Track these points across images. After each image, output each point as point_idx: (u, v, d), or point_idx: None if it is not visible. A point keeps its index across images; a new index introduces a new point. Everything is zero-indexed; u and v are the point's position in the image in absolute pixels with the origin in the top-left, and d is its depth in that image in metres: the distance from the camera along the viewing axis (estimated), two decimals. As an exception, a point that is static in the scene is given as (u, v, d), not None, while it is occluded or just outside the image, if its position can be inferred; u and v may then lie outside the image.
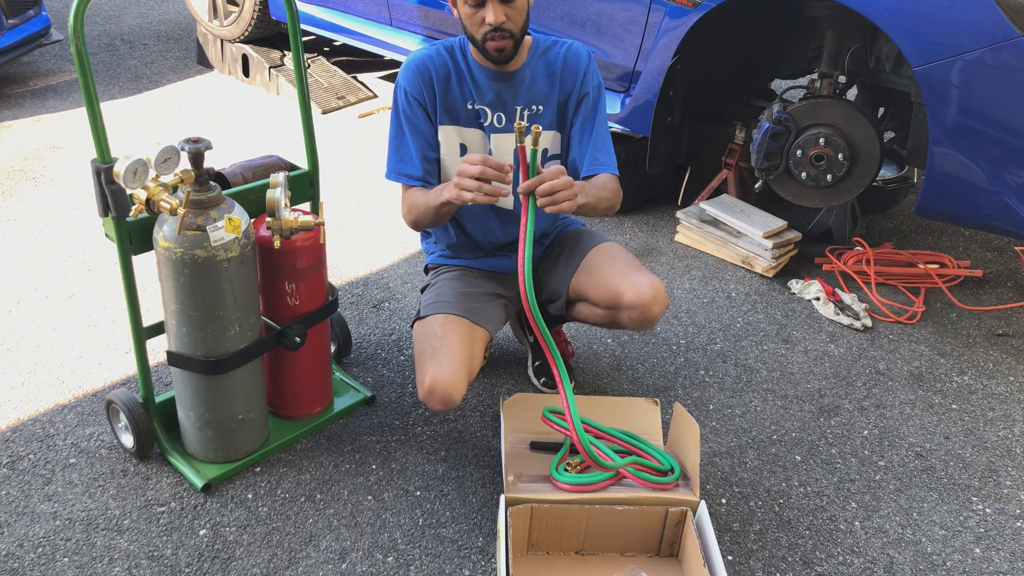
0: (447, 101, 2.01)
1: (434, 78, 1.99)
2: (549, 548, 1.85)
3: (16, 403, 2.24)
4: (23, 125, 3.90)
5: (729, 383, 2.49)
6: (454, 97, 2.01)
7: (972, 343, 2.73)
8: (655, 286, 1.99)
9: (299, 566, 1.82)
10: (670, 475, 1.88)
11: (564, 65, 2.02)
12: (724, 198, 3.27)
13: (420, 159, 2.03)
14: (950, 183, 2.57)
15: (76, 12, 1.62)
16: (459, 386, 1.87)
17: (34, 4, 4.18)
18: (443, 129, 2.03)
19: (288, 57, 4.50)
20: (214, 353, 1.86)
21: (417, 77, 1.99)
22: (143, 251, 1.85)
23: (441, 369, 1.87)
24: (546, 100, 2.03)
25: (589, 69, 2.03)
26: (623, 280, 2.01)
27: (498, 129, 2.03)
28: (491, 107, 2.01)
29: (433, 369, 1.87)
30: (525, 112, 2.02)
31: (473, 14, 1.87)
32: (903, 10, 2.47)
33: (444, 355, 1.90)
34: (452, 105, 2.01)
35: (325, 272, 2.08)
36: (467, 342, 1.96)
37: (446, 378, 1.85)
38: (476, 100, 2.01)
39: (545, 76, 2.02)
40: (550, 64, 2.03)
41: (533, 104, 2.02)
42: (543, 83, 2.02)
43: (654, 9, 2.98)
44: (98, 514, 1.92)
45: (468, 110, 2.01)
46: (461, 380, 1.88)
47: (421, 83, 1.99)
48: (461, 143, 2.04)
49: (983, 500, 2.11)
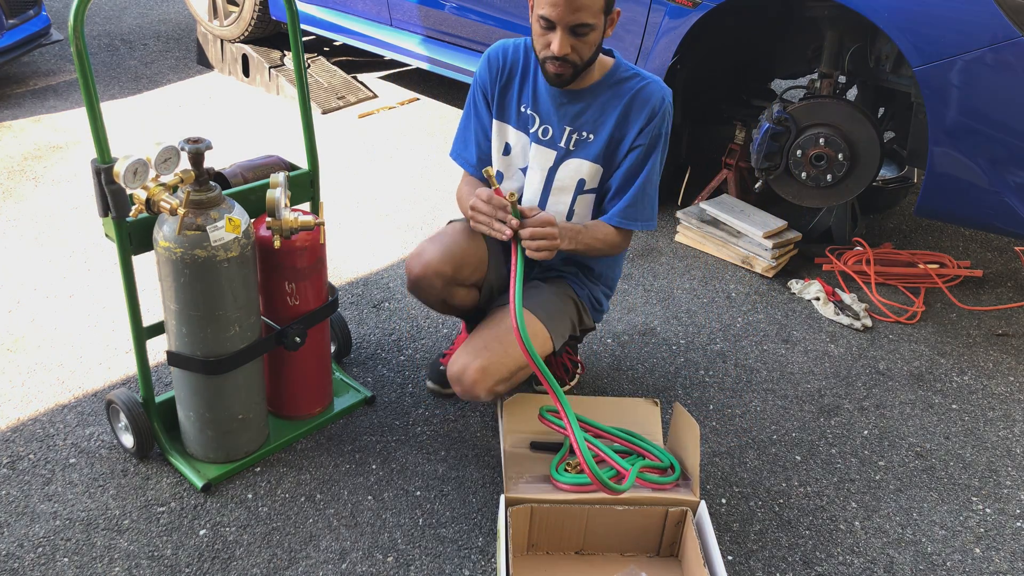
0: (504, 98, 2.01)
1: (501, 71, 1.99)
2: (549, 548, 1.85)
3: (16, 403, 2.24)
4: (23, 125, 3.89)
5: (729, 383, 2.49)
6: (511, 96, 2.00)
7: (972, 343, 2.73)
8: (479, 370, 1.87)
9: (299, 566, 1.82)
10: (671, 473, 1.88)
11: (631, 103, 1.92)
12: (724, 198, 3.27)
13: (477, 146, 2.07)
14: (950, 183, 2.57)
15: (76, 12, 1.62)
16: (445, 268, 1.96)
17: (34, 4, 4.17)
18: (496, 123, 2.04)
19: (288, 57, 4.50)
20: (214, 353, 1.86)
21: (486, 66, 2.01)
22: (143, 251, 1.85)
23: (432, 245, 1.99)
24: (599, 130, 1.95)
25: (656, 118, 1.91)
26: (468, 346, 1.93)
27: (541, 141, 1.99)
28: (541, 116, 1.98)
29: (424, 245, 2.01)
30: (574, 135, 1.96)
31: (541, 34, 1.81)
32: (903, 10, 2.47)
33: (438, 238, 2.01)
34: (507, 103, 2.01)
35: (325, 272, 2.08)
36: (472, 244, 2.01)
37: (434, 251, 1.97)
38: (530, 105, 1.98)
39: (609, 107, 1.93)
40: (619, 96, 1.92)
41: (583, 130, 1.95)
42: (603, 113, 1.94)
43: (654, 9, 2.98)
44: (98, 514, 1.92)
45: (520, 112, 2.00)
46: (448, 257, 1.97)
47: (488, 73, 2.00)
48: (507, 142, 2.03)
49: (983, 500, 2.11)
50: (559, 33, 1.77)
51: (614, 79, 1.93)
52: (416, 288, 2.05)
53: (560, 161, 1.99)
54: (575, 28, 1.77)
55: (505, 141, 2.04)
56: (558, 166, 1.99)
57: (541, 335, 1.97)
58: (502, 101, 2.01)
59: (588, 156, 1.97)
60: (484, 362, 1.88)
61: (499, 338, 1.92)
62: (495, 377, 1.90)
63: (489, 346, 1.91)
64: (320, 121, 4.12)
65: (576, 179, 1.99)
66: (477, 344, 1.92)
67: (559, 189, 2.01)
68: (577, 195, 2.01)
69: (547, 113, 1.97)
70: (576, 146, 1.97)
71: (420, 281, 2.02)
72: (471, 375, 1.88)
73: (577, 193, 2.01)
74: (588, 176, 1.99)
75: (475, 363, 1.88)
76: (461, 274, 2.02)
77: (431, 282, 2.00)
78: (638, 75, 1.94)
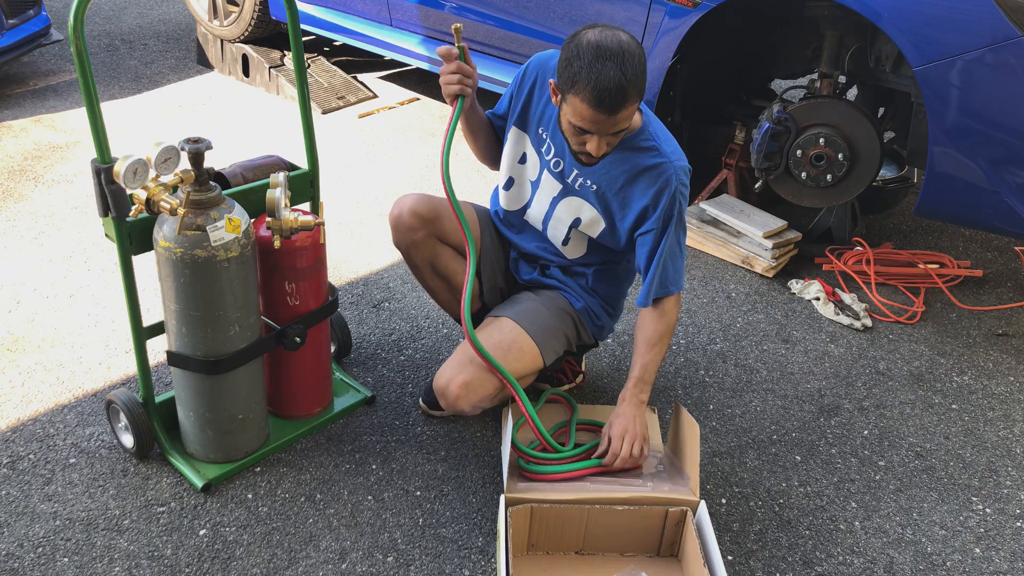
0: (527, 111, 1.99)
1: (536, 84, 1.97)
2: (549, 548, 1.85)
3: (16, 403, 2.24)
4: (23, 125, 3.89)
5: (729, 383, 2.49)
6: (533, 111, 1.98)
7: (972, 343, 2.73)
8: (463, 385, 1.88)
9: (299, 566, 1.82)
10: None
11: (640, 176, 1.87)
12: (724, 198, 3.27)
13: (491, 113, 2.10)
14: (950, 183, 2.57)
15: (76, 12, 1.62)
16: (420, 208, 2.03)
17: (34, 4, 4.17)
18: (515, 131, 2.02)
19: (288, 57, 4.50)
20: (214, 353, 1.86)
21: (525, 73, 1.99)
22: (143, 251, 1.85)
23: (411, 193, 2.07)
24: (604, 184, 1.91)
25: (665, 202, 1.85)
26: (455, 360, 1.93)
27: (552, 171, 1.98)
28: (556, 147, 1.95)
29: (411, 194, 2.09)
30: (579, 179, 1.93)
31: (575, 133, 1.79)
32: (903, 10, 2.47)
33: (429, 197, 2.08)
34: (529, 119, 1.99)
35: (325, 272, 2.08)
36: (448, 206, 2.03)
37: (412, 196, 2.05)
38: (548, 132, 1.96)
39: (619, 167, 1.88)
40: (631, 162, 1.87)
41: (589, 178, 1.92)
42: (612, 169, 1.89)
43: (654, 9, 2.98)
44: (98, 514, 1.92)
45: (538, 133, 1.98)
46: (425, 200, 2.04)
47: (523, 81, 1.99)
48: (524, 152, 2.03)
49: (983, 500, 2.11)
50: (598, 139, 1.76)
51: (633, 143, 1.87)
52: (397, 236, 2.08)
53: (563, 195, 1.98)
54: (615, 132, 1.77)
55: (523, 151, 2.03)
56: (560, 199, 1.99)
57: (530, 351, 1.96)
58: (525, 112, 2.00)
59: (589, 201, 1.95)
60: (467, 377, 1.89)
61: None
62: (479, 393, 1.90)
63: (475, 360, 1.90)
64: (320, 121, 4.12)
65: (573, 216, 1.99)
66: (463, 358, 1.92)
67: (557, 219, 2.02)
68: (571, 229, 2.01)
69: (561, 148, 1.94)
70: (580, 188, 1.95)
71: (398, 224, 2.05)
72: (454, 390, 1.89)
73: (571, 227, 2.01)
74: (586, 220, 1.97)
75: (459, 378, 1.89)
76: (443, 225, 2.05)
77: (409, 224, 2.04)
78: (657, 149, 1.86)
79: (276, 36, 4.58)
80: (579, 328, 2.09)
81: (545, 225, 2.06)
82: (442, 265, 2.11)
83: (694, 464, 1.86)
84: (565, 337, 2.05)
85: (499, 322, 1.98)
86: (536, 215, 2.06)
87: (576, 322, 2.08)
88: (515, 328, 1.96)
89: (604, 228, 1.98)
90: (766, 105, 3.18)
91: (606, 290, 2.13)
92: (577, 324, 2.09)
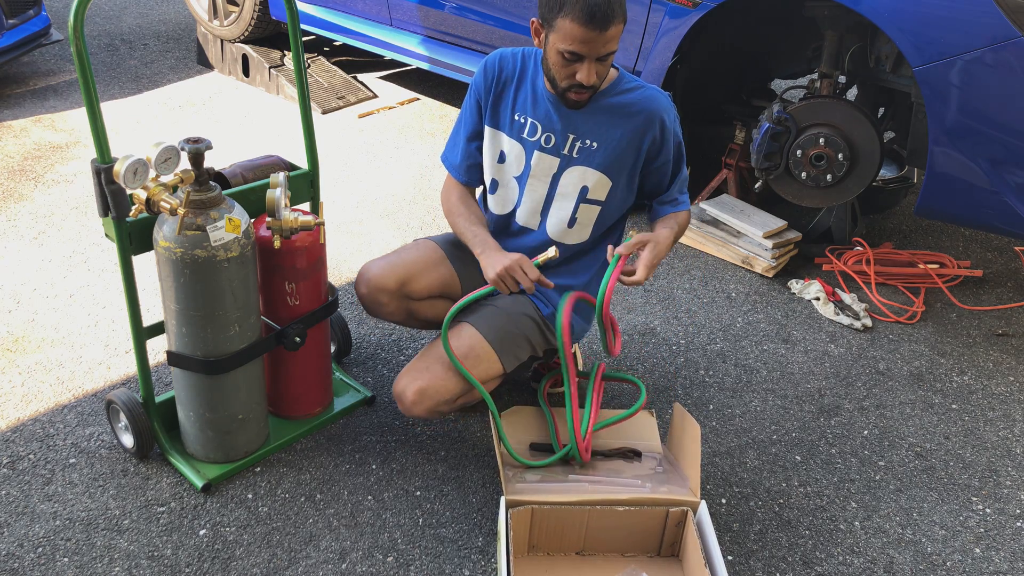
0: (498, 105, 1.99)
1: (497, 78, 1.98)
2: (550, 549, 1.85)
3: (16, 403, 2.24)
4: (23, 125, 3.89)
5: (729, 383, 2.49)
6: (505, 104, 1.99)
7: (972, 343, 2.73)
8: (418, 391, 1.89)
9: (299, 566, 1.82)
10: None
11: (636, 115, 1.91)
12: (724, 198, 3.27)
13: (464, 151, 2.07)
14: (950, 183, 2.57)
15: (76, 12, 1.62)
16: (386, 282, 1.99)
17: (34, 4, 4.17)
18: (488, 131, 2.02)
19: (288, 57, 4.50)
20: (214, 353, 1.86)
21: (483, 72, 2.00)
22: (143, 251, 1.85)
23: (375, 262, 2.04)
24: (604, 140, 1.93)
25: (666, 127, 1.93)
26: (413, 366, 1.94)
27: (544, 148, 1.97)
28: (542, 123, 1.95)
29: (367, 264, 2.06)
30: (577, 143, 1.94)
31: (564, 64, 1.79)
32: (903, 10, 2.47)
33: (384, 256, 2.06)
34: (501, 111, 2.00)
35: (325, 272, 2.08)
36: (421, 257, 2.04)
37: (376, 268, 2.02)
38: (528, 113, 1.96)
39: (615, 116, 1.91)
40: (621, 105, 1.91)
41: (587, 138, 1.93)
42: (609, 122, 1.92)
43: (654, 9, 2.98)
44: (98, 514, 1.92)
45: (514, 120, 1.98)
46: (389, 271, 2.00)
47: (483, 79, 1.99)
48: (501, 150, 2.02)
49: (983, 500, 2.11)
50: (587, 64, 1.77)
51: (618, 89, 1.92)
52: (369, 310, 2.07)
53: (564, 168, 1.97)
54: (603, 57, 1.77)
55: (500, 149, 2.02)
56: (562, 173, 1.98)
57: (487, 357, 1.93)
58: (496, 109, 2.00)
59: (592, 164, 1.95)
60: (423, 384, 1.89)
61: (442, 359, 1.91)
62: (435, 399, 1.90)
63: (431, 367, 1.91)
64: (320, 121, 4.12)
65: (579, 186, 1.97)
66: (420, 365, 1.93)
67: (561, 195, 1.99)
68: (580, 203, 1.99)
69: (549, 121, 1.94)
70: (579, 153, 1.95)
71: (366, 301, 2.05)
72: (410, 396, 1.90)
73: (580, 201, 1.98)
74: (592, 185, 1.97)
75: (414, 384, 1.90)
76: (411, 287, 2.02)
77: (377, 299, 2.02)
78: (641, 86, 1.94)
79: (276, 36, 4.58)
80: (545, 332, 2.04)
81: (545, 215, 2.02)
82: (420, 316, 2.10)
83: (695, 465, 1.86)
84: (528, 342, 2.01)
85: (458, 328, 1.97)
86: (530, 211, 2.03)
87: (542, 327, 2.04)
88: (474, 334, 1.94)
89: (612, 186, 1.98)
90: (766, 105, 3.18)
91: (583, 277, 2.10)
92: (544, 329, 2.04)
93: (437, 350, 1.93)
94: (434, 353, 1.93)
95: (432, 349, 1.95)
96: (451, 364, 1.89)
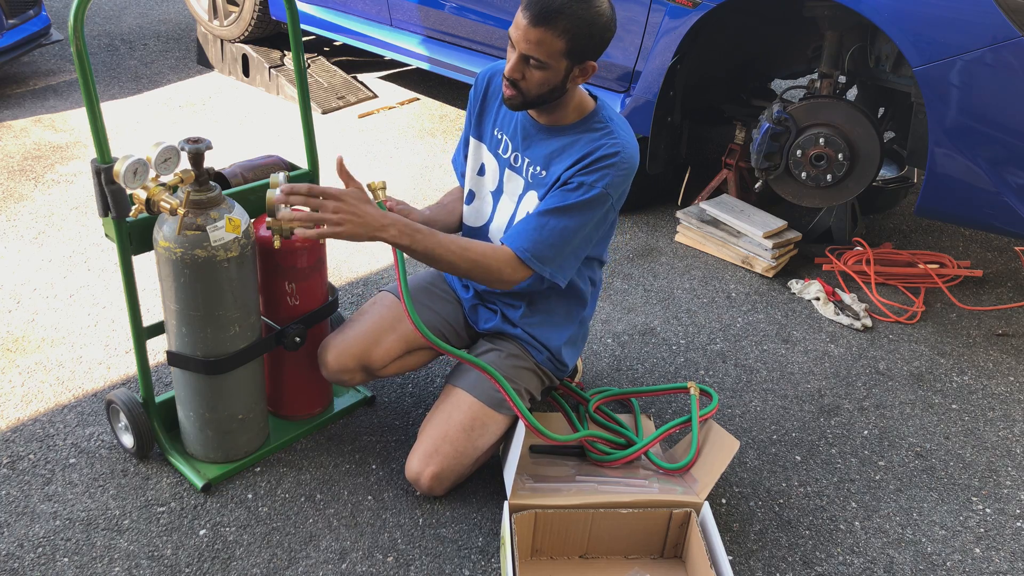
0: (482, 117, 2.00)
1: (485, 90, 1.98)
2: (553, 553, 1.84)
3: (16, 403, 2.24)
4: (23, 125, 3.89)
5: (729, 383, 2.49)
6: (488, 117, 1.98)
7: (972, 343, 2.73)
8: (433, 477, 1.91)
9: (299, 566, 1.82)
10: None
11: (587, 156, 1.79)
12: (724, 198, 3.27)
13: (462, 157, 2.10)
14: (950, 183, 2.57)
15: (76, 12, 1.62)
16: (346, 361, 1.98)
17: (34, 4, 4.17)
18: (473, 142, 2.02)
19: (288, 57, 4.50)
20: (214, 353, 1.86)
21: (474, 84, 2.02)
22: (143, 251, 1.85)
23: (332, 340, 2.02)
24: (552, 171, 1.85)
25: (596, 164, 1.76)
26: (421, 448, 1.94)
27: (512, 167, 1.94)
28: (512, 142, 1.93)
29: (326, 341, 2.03)
30: (531, 168, 1.88)
31: (509, 52, 1.76)
32: (903, 10, 2.47)
33: (341, 331, 2.03)
34: (484, 123, 2.00)
35: (325, 272, 2.08)
36: (377, 323, 2.02)
37: (333, 351, 1.99)
38: (505, 129, 1.94)
39: (568, 150, 1.83)
40: (583, 145, 1.81)
41: (538, 165, 1.87)
42: (561, 153, 1.84)
43: (654, 9, 2.98)
44: (98, 514, 1.92)
45: (493, 135, 1.97)
46: (345, 352, 1.99)
47: (473, 91, 2.01)
48: (482, 163, 2.01)
49: (983, 500, 2.11)
50: (515, 56, 1.72)
51: (585, 126, 1.83)
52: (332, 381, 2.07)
53: (526, 190, 1.92)
54: (527, 58, 1.72)
55: (481, 161, 2.01)
56: (523, 195, 1.93)
57: (493, 421, 1.92)
58: (480, 121, 2.00)
59: (540, 192, 1.88)
60: (436, 468, 1.91)
61: (449, 438, 1.91)
62: (450, 480, 1.94)
63: (440, 449, 1.91)
64: (320, 121, 4.12)
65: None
66: (428, 447, 1.92)
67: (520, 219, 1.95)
68: None
69: (516, 140, 1.92)
70: (532, 179, 1.90)
71: (334, 380, 2.05)
72: (425, 483, 1.93)
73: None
74: None
75: (428, 470, 1.91)
76: (370, 360, 1.99)
77: (341, 380, 2.04)
78: (610, 131, 1.80)
79: (276, 36, 4.58)
80: (542, 378, 2.04)
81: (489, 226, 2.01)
82: (406, 369, 2.09)
83: (715, 472, 1.86)
84: (527, 393, 2.01)
85: (455, 397, 1.94)
86: (498, 228, 1.98)
87: (539, 375, 2.03)
88: (472, 403, 1.92)
89: None
90: (766, 105, 3.18)
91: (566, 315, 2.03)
92: (540, 376, 2.04)
93: (441, 428, 1.92)
94: (438, 432, 1.92)
95: (434, 428, 1.94)
96: (456, 441, 1.90)
